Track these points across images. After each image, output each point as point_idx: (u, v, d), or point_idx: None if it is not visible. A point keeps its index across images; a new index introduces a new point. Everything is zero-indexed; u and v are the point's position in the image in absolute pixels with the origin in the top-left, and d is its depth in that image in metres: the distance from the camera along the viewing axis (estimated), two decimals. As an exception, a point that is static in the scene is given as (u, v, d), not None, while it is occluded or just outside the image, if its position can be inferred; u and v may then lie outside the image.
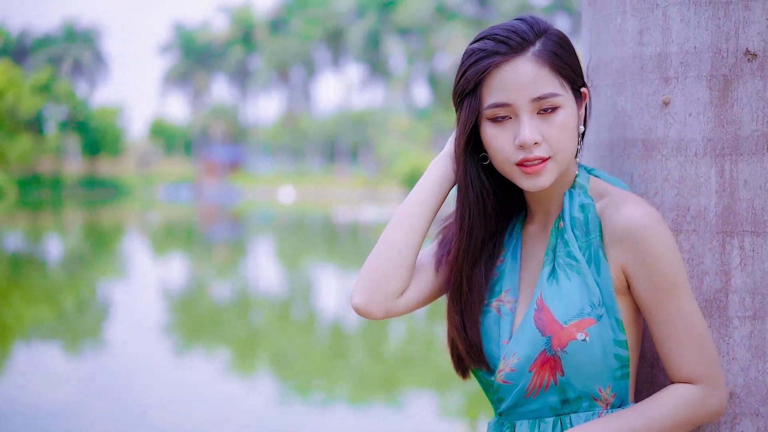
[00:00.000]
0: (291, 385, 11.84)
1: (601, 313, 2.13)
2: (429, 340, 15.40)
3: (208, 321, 16.87)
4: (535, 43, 2.15)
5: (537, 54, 2.14)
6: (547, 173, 2.16)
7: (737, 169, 2.24)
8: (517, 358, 2.18)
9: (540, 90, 2.13)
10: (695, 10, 2.26)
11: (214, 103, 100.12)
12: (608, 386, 2.16)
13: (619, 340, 2.14)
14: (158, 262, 27.90)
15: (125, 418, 9.70)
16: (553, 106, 2.14)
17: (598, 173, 2.30)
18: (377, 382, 12.10)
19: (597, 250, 2.17)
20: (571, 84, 2.19)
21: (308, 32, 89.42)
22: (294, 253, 30.30)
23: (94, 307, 18.39)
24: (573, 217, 2.21)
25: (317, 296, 20.81)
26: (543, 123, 2.14)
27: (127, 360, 12.80)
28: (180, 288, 21.68)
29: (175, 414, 9.89)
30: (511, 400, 2.22)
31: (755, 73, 2.22)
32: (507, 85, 2.14)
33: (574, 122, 2.18)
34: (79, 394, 10.74)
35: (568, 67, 2.17)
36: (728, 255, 2.26)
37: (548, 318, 2.15)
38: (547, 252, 2.23)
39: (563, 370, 2.13)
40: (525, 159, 2.14)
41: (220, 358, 13.56)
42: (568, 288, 2.16)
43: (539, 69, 2.13)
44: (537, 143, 2.13)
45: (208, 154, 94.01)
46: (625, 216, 2.12)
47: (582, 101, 2.24)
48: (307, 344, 14.84)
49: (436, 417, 10.24)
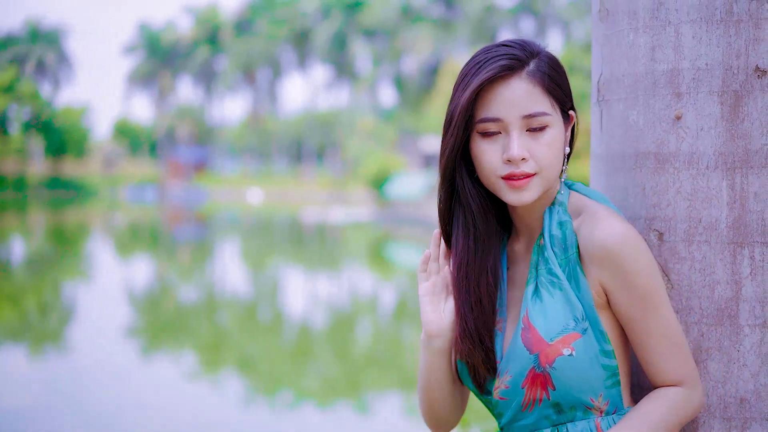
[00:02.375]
0: (257, 387, 11.83)
1: (585, 327, 2.21)
2: (396, 341, 15.45)
3: (173, 323, 16.83)
4: (529, 63, 2.23)
5: (530, 74, 2.22)
6: (531, 189, 2.23)
7: (747, 181, 2.31)
8: (510, 376, 2.27)
9: (531, 108, 2.21)
10: (707, 28, 2.33)
11: (179, 103, 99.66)
12: (600, 395, 2.23)
13: (605, 350, 2.22)
14: (123, 263, 27.77)
15: (88, 421, 9.67)
16: (542, 125, 2.22)
17: (579, 187, 2.37)
18: (344, 383, 12.12)
19: (575, 267, 2.24)
20: (561, 105, 2.27)
21: (274, 33, 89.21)
22: (261, 255, 30.25)
23: (58, 309, 18.27)
24: (552, 235, 2.29)
25: (284, 298, 20.80)
26: (531, 140, 2.22)
27: (90, 362, 12.73)
28: (145, 290, 21.59)
29: (140, 417, 9.86)
30: (509, 415, 2.31)
31: (765, 89, 2.30)
32: (500, 102, 2.22)
33: (560, 142, 2.26)
34: (41, 396, 10.67)
35: (559, 88, 2.26)
36: (739, 265, 2.33)
37: (534, 336, 2.22)
38: (531, 270, 2.31)
39: (554, 385, 2.21)
40: (512, 174, 2.22)
41: (186, 360, 13.51)
42: (552, 305, 2.24)
43: (532, 88, 2.22)
44: (524, 159, 2.21)
45: (173, 154, 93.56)
46: (600, 234, 2.20)
47: (569, 123, 2.32)
48: (273, 346, 14.84)
49: (402, 418, 10.27)
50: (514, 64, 2.22)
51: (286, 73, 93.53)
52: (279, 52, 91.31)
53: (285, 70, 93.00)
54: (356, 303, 19.67)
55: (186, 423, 9.72)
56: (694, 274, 2.37)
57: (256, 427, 9.70)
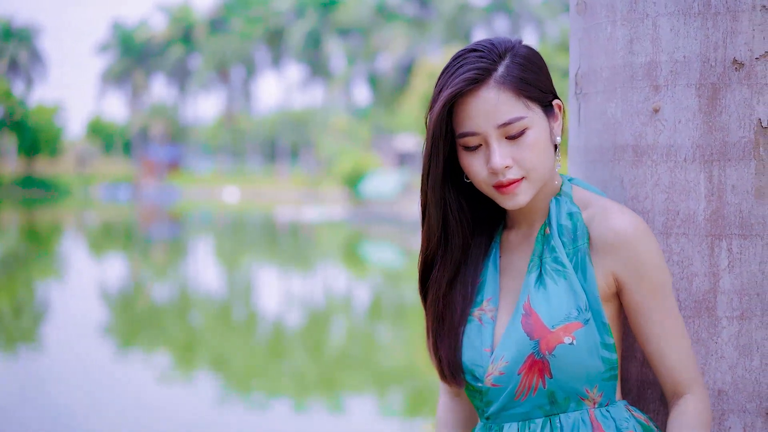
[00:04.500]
0: (231, 387, 11.79)
1: (588, 317, 2.20)
2: (370, 340, 15.45)
3: (146, 322, 16.75)
4: (498, 68, 2.19)
5: (499, 80, 2.18)
6: (523, 192, 2.22)
7: (725, 174, 2.32)
8: (506, 362, 2.24)
9: (504, 116, 2.18)
10: (684, 21, 2.34)
11: (153, 102, 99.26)
12: (595, 387, 2.22)
13: (606, 343, 2.21)
14: (96, 262, 27.62)
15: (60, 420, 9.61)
16: (520, 129, 2.19)
17: (578, 182, 2.37)
18: (318, 382, 12.10)
19: (584, 257, 2.24)
20: (539, 101, 2.23)
21: (248, 32, 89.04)
22: (234, 253, 30.18)
23: (31, 308, 18.17)
24: (561, 225, 2.28)
25: (258, 297, 20.76)
26: (512, 146, 2.20)
27: (63, 361, 12.66)
28: (118, 289, 21.47)
29: (113, 416, 9.82)
30: (500, 403, 2.27)
31: (742, 81, 2.31)
32: (473, 115, 2.20)
33: (544, 139, 2.23)
34: (12, 395, 10.60)
35: (532, 86, 2.21)
36: (717, 257, 2.34)
37: (536, 322, 2.21)
38: (533, 259, 2.30)
39: (551, 373, 2.20)
40: (499, 183, 2.21)
41: (159, 360, 13.43)
42: (556, 293, 2.23)
43: (502, 95, 2.18)
44: (508, 167, 2.20)
45: (147, 153, 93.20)
46: (614, 225, 2.20)
47: (554, 115, 2.28)
48: (247, 345, 14.81)
49: (376, 417, 10.28)
50: (480, 75, 2.18)
51: (260, 72, 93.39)
52: (253, 51, 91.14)
53: (259, 68, 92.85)
54: (330, 301, 19.64)
55: (159, 422, 9.68)
56: (672, 266, 2.38)
57: (230, 426, 9.67)
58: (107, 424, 9.55)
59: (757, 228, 2.32)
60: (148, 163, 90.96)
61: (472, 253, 2.42)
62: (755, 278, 2.33)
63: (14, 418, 9.67)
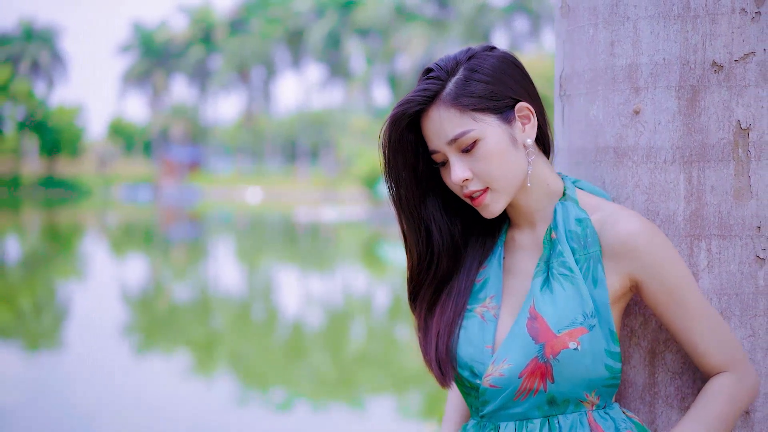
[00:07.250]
0: (250, 387, 11.83)
1: (594, 324, 2.20)
2: (389, 340, 15.46)
3: (166, 322, 16.83)
4: (446, 86, 2.25)
5: (444, 99, 2.23)
6: (493, 202, 2.26)
7: (704, 175, 2.34)
8: (508, 365, 2.23)
9: (450, 133, 2.22)
10: (664, 24, 2.36)
11: (173, 103, 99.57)
12: (594, 391, 2.23)
13: (612, 351, 2.22)
14: (117, 262, 27.74)
15: (80, 420, 9.68)
16: (469, 142, 2.22)
17: (582, 185, 2.38)
18: (338, 382, 12.13)
19: (596, 264, 2.25)
20: (493, 109, 2.24)
21: (268, 32, 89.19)
22: (254, 254, 30.24)
23: (52, 308, 18.28)
24: (569, 230, 2.28)
25: (277, 297, 20.81)
26: (469, 159, 2.23)
27: (84, 361, 12.74)
28: (139, 289, 21.58)
29: (133, 416, 9.86)
30: (497, 403, 2.27)
31: (721, 83, 2.33)
32: (429, 134, 2.27)
33: (502, 147, 2.23)
34: (34, 395, 10.64)
35: (481, 98, 2.23)
36: (696, 257, 2.36)
37: (542, 326, 2.21)
38: (539, 263, 2.30)
39: (554, 377, 2.20)
40: (466, 195, 2.27)
41: (180, 360, 13.52)
42: (563, 297, 2.23)
43: (446, 112, 2.23)
44: (467, 179, 2.24)
45: (167, 154, 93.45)
46: (626, 230, 2.22)
47: (513, 117, 2.26)
48: (267, 345, 14.85)
49: (396, 418, 10.29)
50: (424, 99, 2.24)
51: (280, 73, 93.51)
52: (273, 52, 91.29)
53: (279, 69, 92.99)
54: (349, 302, 19.67)
55: (179, 422, 9.73)
56: (652, 266, 2.39)
57: (250, 426, 9.71)
58: (127, 423, 9.59)
59: (736, 229, 2.34)
60: (168, 163, 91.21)
61: (468, 254, 2.45)
62: (734, 278, 2.35)
63: (35, 417, 9.72)
